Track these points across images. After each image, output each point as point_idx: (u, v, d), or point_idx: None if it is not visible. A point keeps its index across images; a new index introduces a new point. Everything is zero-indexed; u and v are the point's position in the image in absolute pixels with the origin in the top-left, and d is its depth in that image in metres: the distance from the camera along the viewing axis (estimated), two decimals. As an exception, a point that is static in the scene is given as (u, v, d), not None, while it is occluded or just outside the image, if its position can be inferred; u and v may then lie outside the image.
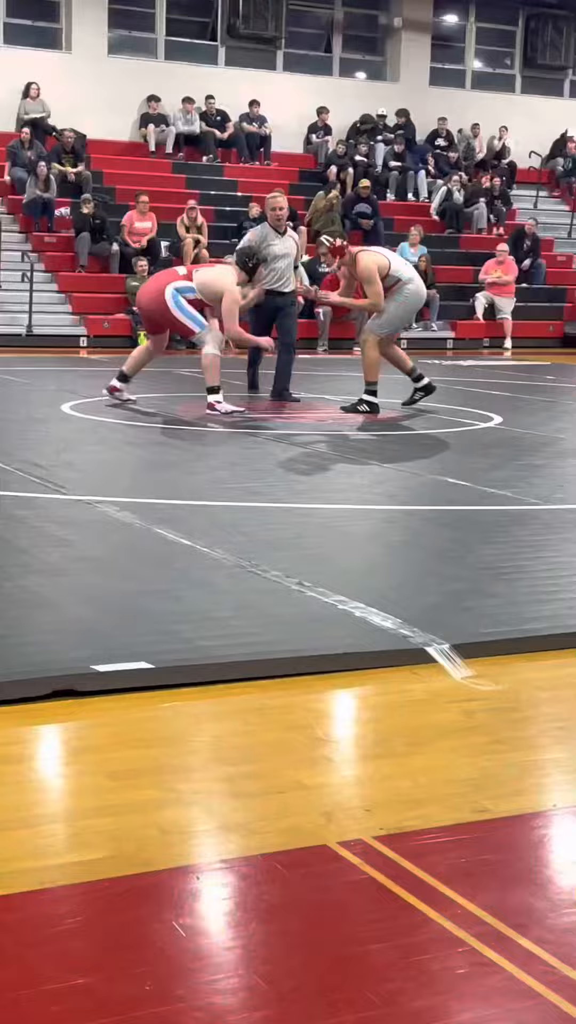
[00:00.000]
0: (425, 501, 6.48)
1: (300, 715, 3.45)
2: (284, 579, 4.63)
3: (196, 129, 21.30)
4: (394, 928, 2.32)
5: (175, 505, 6.06)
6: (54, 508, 5.90)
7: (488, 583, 4.76)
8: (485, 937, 2.29)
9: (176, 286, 9.68)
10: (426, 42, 23.61)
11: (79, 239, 18.04)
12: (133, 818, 2.76)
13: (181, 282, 9.72)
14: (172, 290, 9.65)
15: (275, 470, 7.27)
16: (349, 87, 23.23)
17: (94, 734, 3.31)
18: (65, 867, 2.54)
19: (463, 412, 10.45)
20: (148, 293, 9.94)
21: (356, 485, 6.91)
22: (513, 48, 24.75)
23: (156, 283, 9.97)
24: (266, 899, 2.43)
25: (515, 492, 6.63)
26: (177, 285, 9.69)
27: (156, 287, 9.85)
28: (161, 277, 10.10)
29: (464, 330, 19.67)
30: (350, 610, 4.25)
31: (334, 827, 2.74)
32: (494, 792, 2.95)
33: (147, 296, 9.93)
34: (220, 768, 3.07)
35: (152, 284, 10.06)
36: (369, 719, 3.53)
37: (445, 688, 3.68)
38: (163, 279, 9.95)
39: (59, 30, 21.25)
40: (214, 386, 9.72)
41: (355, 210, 20.49)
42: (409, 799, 2.90)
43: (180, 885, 2.49)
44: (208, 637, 3.97)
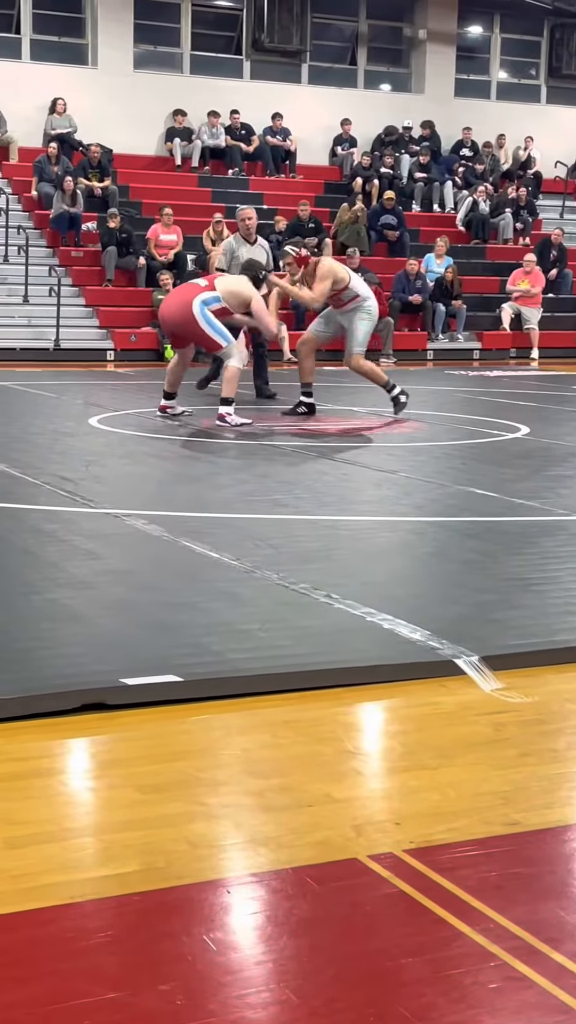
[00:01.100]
0: (452, 512, 6.46)
1: (329, 728, 3.45)
2: (312, 591, 4.63)
3: (221, 143, 21.37)
4: (425, 942, 2.32)
5: (203, 518, 6.07)
6: (82, 521, 5.92)
7: (517, 594, 4.74)
8: (517, 951, 2.27)
9: (202, 298, 9.65)
10: (451, 53, 23.62)
11: (106, 253, 18.12)
12: (163, 832, 2.76)
13: (206, 293, 9.70)
14: (199, 303, 9.62)
15: (302, 482, 7.27)
16: (374, 99, 23.26)
17: (123, 747, 3.31)
18: (95, 881, 2.54)
19: (490, 423, 10.43)
20: (174, 307, 9.85)
21: (383, 497, 6.90)
22: (538, 58, 24.73)
23: (181, 296, 9.89)
24: (296, 913, 2.43)
25: (543, 503, 6.60)
26: (203, 297, 9.66)
27: (182, 300, 9.77)
28: (185, 290, 10.03)
29: (490, 341, 19.64)
30: (378, 622, 4.25)
31: (364, 840, 2.73)
32: (524, 805, 2.94)
33: (173, 309, 9.85)
34: (249, 781, 3.07)
35: (177, 298, 9.96)
36: (398, 732, 3.52)
37: (474, 700, 3.67)
38: (188, 292, 9.88)
39: (85, 46, 21.37)
40: (230, 398, 9.76)
41: (380, 222, 20.51)
42: (439, 812, 2.89)
43: (210, 899, 2.49)
44: (237, 650, 3.97)
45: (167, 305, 10.07)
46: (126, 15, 21.17)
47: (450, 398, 13.23)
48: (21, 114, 20.24)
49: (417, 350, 18.90)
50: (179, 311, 9.74)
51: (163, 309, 10.15)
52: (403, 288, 18.92)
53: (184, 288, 10.19)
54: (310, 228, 19.64)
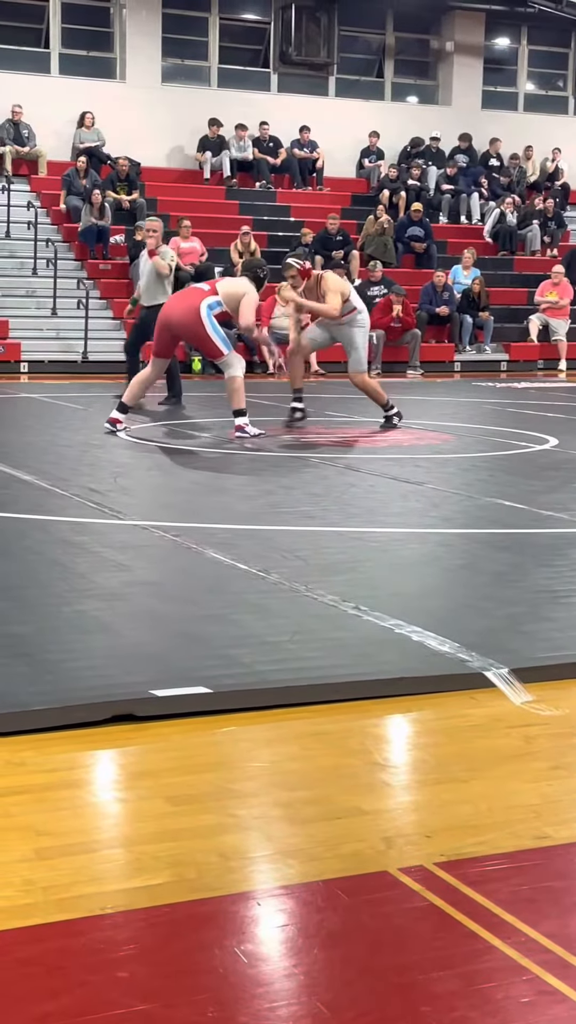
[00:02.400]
0: (481, 524, 6.45)
1: (358, 740, 3.44)
2: (341, 603, 4.63)
3: (249, 155, 21.44)
4: (457, 955, 2.31)
5: (231, 529, 6.07)
6: (111, 533, 5.93)
7: (546, 606, 4.73)
8: (549, 965, 2.26)
9: (207, 303, 9.68)
10: (478, 65, 23.63)
11: (133, 266, 18.17)
12: (193, 843, 2.76)
13: (210, 297, 9.72)
14: (206, 307, 9.65)
15: (329, 494, 7.27)
16: (401, 111, 23.29)
17: (153, 759, 3.31)
18: (126, 892, 2.54)
19: (518, 434, 10.41)
20: (182, 310, 9.80)
21: (411, 508, 6.89)
22: (566, 70, 24.71)
23: (190, 300, 9.85)
24: (327, 925, 2.42)
25: (572, 515, 6.58)
26: (208, 301, 9.69)
27: (191, 304, 9.75)
28: (191, 295, 10.00)
29: (518, 352, 19.61)
30: (407, 634, 4.24)
31: (394, 853, 2.73)
32: (555, 818, 2.93)
33: (181, 313, 9.80)
34: (279, 793, 3.07)
35: (185, 302, 9.90)
36: (428, 744, 3.51)
37: (504, 713, 3.66)
38: (195, 297, 9.86)
39: (113, 60, 21.48)
40: (242, 409, 9.76)
41: (408, 234, 20.52)
42: (469, 825, 2.88)
43: (241, 911, 2.49)
44: (265, 662, 3.97)
45: (173, 308, 9.96)
46: (154, 29, 21.28)
47: (477, 410, 13.20)
48: (50, 128, 20.37)
49: (444, 361, 18.89)
50: (187, 314, 9.71)
51: (169, 312, 10.00)
52: (430, 300, 18.92)
53: (190, 292, 10.15)
54: (338, 240, 19.68)
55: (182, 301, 9.98)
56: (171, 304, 10.13)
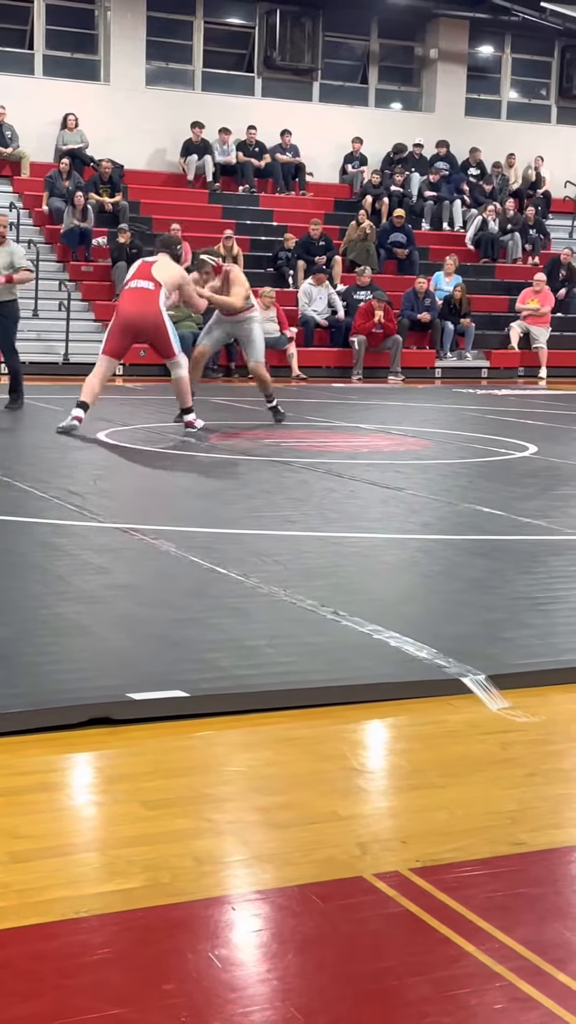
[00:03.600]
0: (460, 530, 6.46)
1: (335, 745, 3.44)
2: (319, 608, 4.63)
3: (232, 159, 21.43)
4: (431, 961, 2.31)
5: (210, 533, 6.07)
6: (91, 536, 5.92)
7: (524, 613, 4.74)
8: (523, 972, 2.26)
9: (161, 301, 9.97)
10: (462, 73, 23.69)
11: (116, 268, 18.15)
12: (168, 847, 2.75)
13: (160, 293, 9.97)
14: (162, 306, 9.99)
15: (309, 499, 7.27)
16: (385, 117, 23.33)
17: (129, 762, 3.31)
18: (100, 896, 2.53)
19: (498, 441, 10.43)
20: (146, 313, 9.97)
21: (390, 514, 6.90)
22: (549, 79, 24.79)
23: (149, 302, 9.97)
24: (301, 931, 2.42)
25: (550, 522, 6.60)
26: (161, 299, 9.97)
27: (152, 307, 9.94)
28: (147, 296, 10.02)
29: (499, 359, 19.65)
30: (385, 640, 4.24)
31: (369, 859, 2.73)
32: (531, 825, 2.93)
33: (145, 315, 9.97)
34: (255, 798, 3.06)
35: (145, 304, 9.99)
36: (404, 750, 3.51)
37: (481, 719, 3.66)
38: (151, 297, 9.98)
39: (97, 62, 21.46)
40: (190, 407, 10.33)
41: (390, 240, 20.55)
42: (445, 831, 2.88)
43: (215, 916, 2.48)
44: (243, 666, 3.96)
45: (137, 311, 10.03)
46: (138, 32, 21.27)
47: (458, 416, 13.23)
48: (33, 129, 20.33)
49: (425, 368, 18.92)
50: (151, 316, 9.96)
51: (132, 314, 10.05)
52: (412, 306, 18.95)
53: (144, 293, 10.07)
54: (320, 245, 19.69)
55: (143, 304, 10.04)
56: (133, 307, 10.11)
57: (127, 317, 10.09)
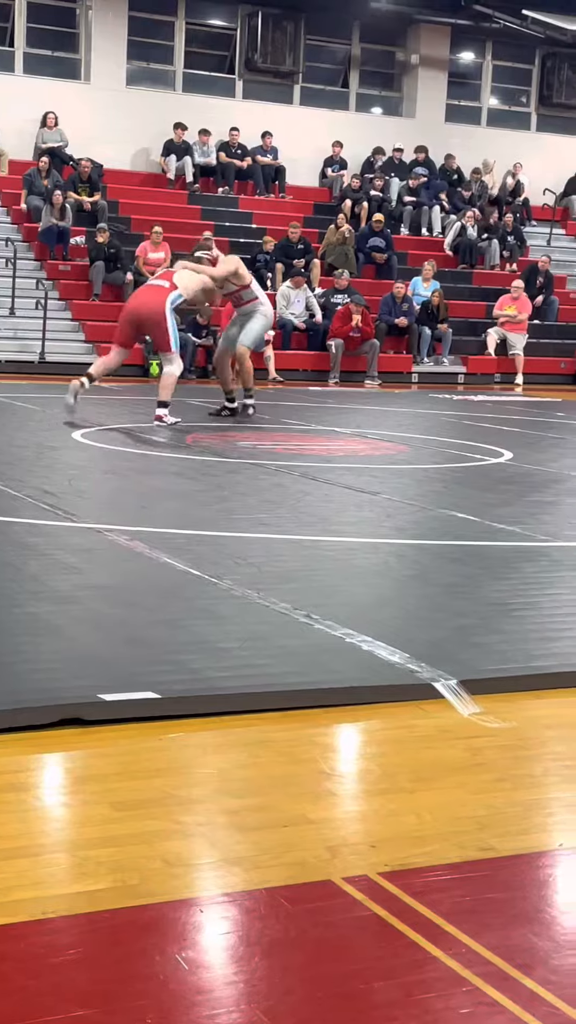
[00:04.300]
0: (434, 535, 6.47)
1: (306, 748, 3.44)
2: (292, 611, 4.63)
3: (212, 161, 21.43)
4: (398, 966, 2.31)
5: (185, 535, 6.06)
6: (64, 536, 5.91)
7: (496, 619, 4.75)
8: (489, 977, 2.27)
9: (171, 298, 10.67)
10: (442, 79, 23.75)
11: (93, 268, 18.14)
12: (137, 849, 2.75)
13: (172, 293, 10.71)
14: (169, 303, 10.63)
15: (284, 501, 7.27)
16: (365, 122, 23.37)
17: (99, 763, 3.30)
18: (67, 897, 2.53)
19: (473, 447, 10.46)
20: (150, 304, 10.67)
21: (365, 518, 6.91)
22: (529, 86, 24.89)
23: (155, 296, 10.72)
24: (269, 934, 2.42)
25: (524, 528, 6.62)
26: (171, 297, 10.67)
27: (157, 300, 10.65)
28: (156, 291, 10.82)
29: (475, 365, 19.71)
30: (358, 643, 4.25)
31: (338, 862, 2.73)
32: (500, 830, 2.94)
33: (148, 308, 10.69)
34: (225, 800, 3.06)
35: (154, 296, 10.75)
36: (375, 754, 3.52)
37: (452, 724, 3.67)
38: (159, 293, 10.72)
39: (78, 61, 21.42)
40: (167, 401, 10.78)
41: (369, 244, 20.59)
42: (414, 836, 2.89)
43: (183, 918, 2.48)
44: (215, 668, 3.96)
45: (141, 302, 10.85)
46: (119, 31, 21.24)
47: (434, 421, 13.26)
48: (12, 127, 20.28)
49: (402, 372, 18.96)
50: (154, 309, 10.63)
51: (136, 306, 10.88)
52: (389, 311, 18.99)
53: (154, 289, 10.91)
54: (299, 249, 19.71)
55: (149, 296, 10.83)
56: (138, 299, 11.00)
57: (131, 307, 10.95)
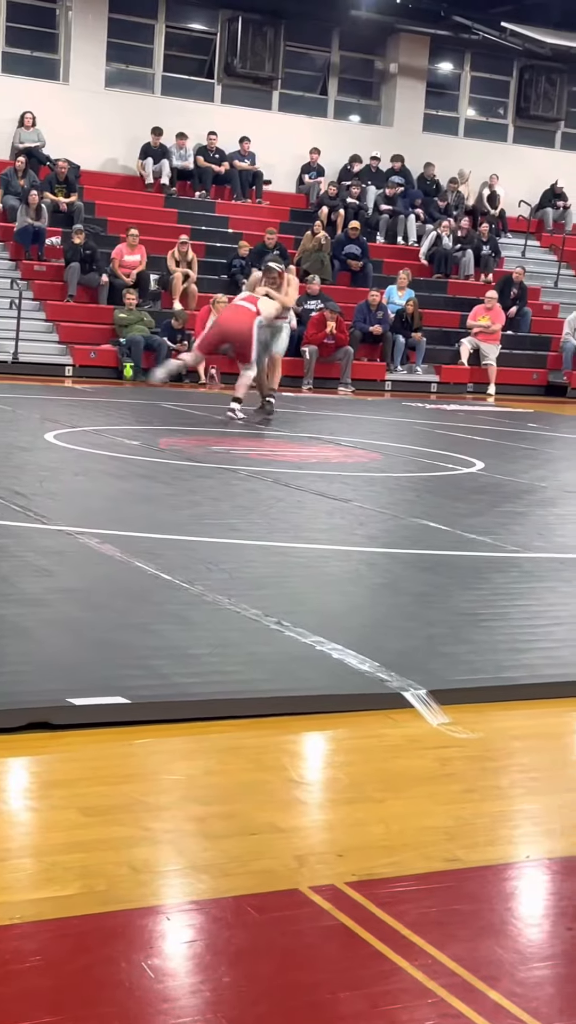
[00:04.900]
0: (405, 544, 6.49)
1: (275, 756, 3.44)
2: (263, 618, 4.63)
3: (190, 164, 21.42)
4: (364, 976, 2.31)
5: (156, 539, 6.05)
6: (35, 538, 5.89)
7: (466, 629, 4.77)
8: (455, 988, 2.28)
9: (258, 321, 12.39)
10: (421, 88, 23.82)
11: (69, 269, 18.10)
12: (104, 855, 2.74)
13: (258, 318, 12.42)
14: (256, 325, 12.34)
15: (256, 507, 7.27)
16: (343, 130, 23.41)
17: (67, 768, 3.29)
18: (34, 903, 2.52)
19: (445, 456, 10.49)
20: (239, 323, 12.39)
21: (336, 525, 6.92)
22: (506, 98, 24.99)
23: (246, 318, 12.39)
24: (236, 942, 2.42)
25: (495, 539, 6.64)
26: (258, 321, 12.39)
27: (247, 321, 12.35)
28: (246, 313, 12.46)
29: (448, 374, 19.77)
30: (328, 651, 4.25)
31: (306, 871, 2.73)
32: (467, 841, 2.95)
33: (237, 325, 12.41)
34: (193, 807, 3.06)
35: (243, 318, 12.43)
36: (344, 763, 3.52)
37: (421, 734, 3.68)
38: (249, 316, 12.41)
39: (57, 61, 21.38)
40: (241, 398, 12.26)
41: (344, 251, 20.62)
42: (382, 845, 2.89)
43: (150, 925, 2.47)
44: (185, 674, 3.96)
45: (232, 320, 12.54)
46: (99, 33, 21.21)
47: (407, 430, 13.29)
48: (-10, 126, 20.21)
49: (375, 380, 19.01)
50: (243, 327, 12.33)
51: (227, 321, 12.63)
52: (364, 318, 19.03)
53: (242, 311, 12.54)
54: (275, 254, 19.71)
55: (240, 316, 12.51)
56: (229, 317, 12.68)
57: (223, 323, 12.71)
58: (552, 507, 8.22)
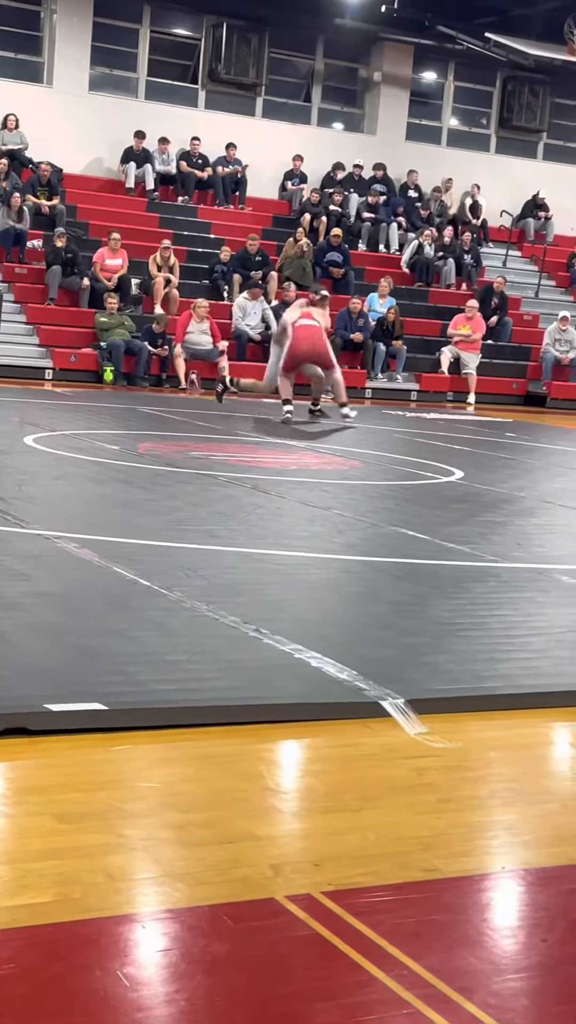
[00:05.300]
0: (384, 553, 6.49)
1: (252, 764, 3.44)
2: (241, 625, 4.62)
3: (172, 169, 21.41)
4: (339, 987, 2.31)
5: (135, 544, 6.04)
6: (13, 542, 5.87)
7: (445, 639, 4.77)
8: (430, 999, 2.27)
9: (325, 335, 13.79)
10: (404, 97, 23.88)
11: (50, 272, 18.06)
12: (80, 862, 2.73)
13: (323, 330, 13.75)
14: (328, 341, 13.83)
15: (236, 514, 7.26)
16: (326, 137, 23.44)
17: (43, 774, 3.27)
18: (8, 910, 2.50)
19: (425, 465, 10.50)
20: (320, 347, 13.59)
21: (316, 533, 6.92)
22: (489, 108, 25.08)
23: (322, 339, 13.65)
24: (211, 951, 2.41)
25: (474, 548, 6.65)
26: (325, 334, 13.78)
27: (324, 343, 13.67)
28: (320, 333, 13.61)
29: (428, 383, 19.80)
30: (306, 659, 4.25)
31: (282, 880, 2.72)
32: (443, 851, 2.95)
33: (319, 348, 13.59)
34: (170, 815, 3.05)
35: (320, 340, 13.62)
36: (321, 771, 3.51)
37: (398, 743, 3.68)
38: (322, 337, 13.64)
39: (41, 64, 21.34)
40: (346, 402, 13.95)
41: (326, 258, 20.63)
42: (358, 855, 2.89)
43: (125, 933, 2.46)
44: (163, 680, 3.95)
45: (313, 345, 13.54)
46: (84, 36, 21.19)
47: (386, 438, 13.30)
48: (-27, 128, 20.14)
49: (356, 388, 18.99)
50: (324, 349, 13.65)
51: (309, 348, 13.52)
52: (345, 326, 19.04)
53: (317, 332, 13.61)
54: (257, 260, 19.73)
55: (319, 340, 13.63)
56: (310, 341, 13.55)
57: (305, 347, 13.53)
58: (531, 517, 8.24)
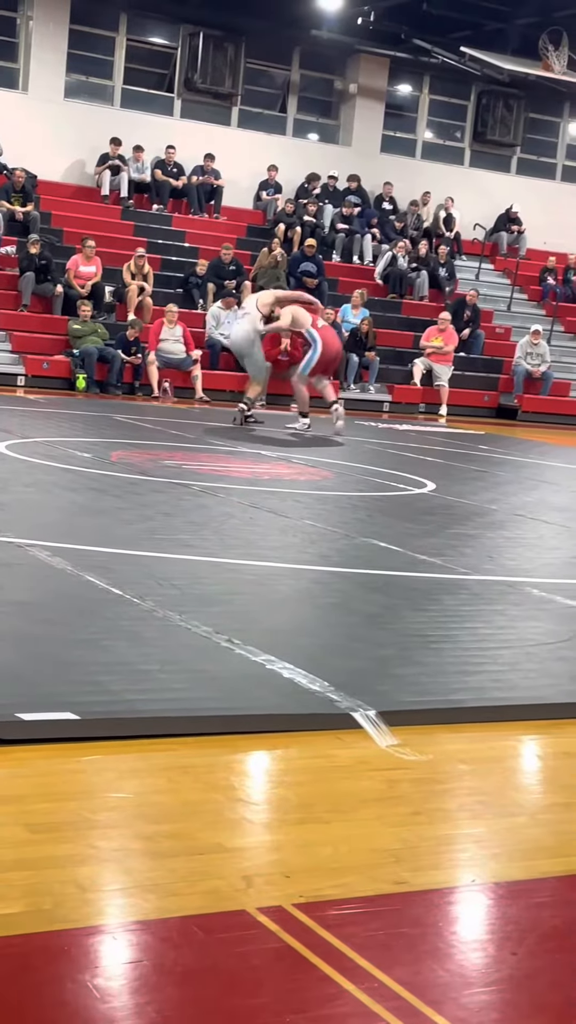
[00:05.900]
0: (356, 564, 6.50)
1: (224, 775, 3.44)
2: (214, 635, 4.62)
3: (146, 177, 21.41)
4: (310, 999, 2.31)
5: (107, 553, 6.03)
6: (-16, 549, 5.84)
7: (416, 651, 4.79)
8: (400, 1012, 2.28)
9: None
10: (379, 109, 23.96)
11: (23, 278, 18.01)
12: (51, 873, 2.73)
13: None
14: None
15: (208, 523, 7.26)
16: (301, 148, 23.49)
17: (14, 784, 3.27)
18: (-21, 920, 2.50)
19: (397, 476, 10.53)
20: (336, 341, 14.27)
21: (288, 543, 6.93)
22: (464, 122, 25.19)
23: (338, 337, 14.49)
24: (182, 963, 2.41)
25: (445, 560, 6.68)
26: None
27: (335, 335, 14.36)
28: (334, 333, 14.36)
29: (401, 394, 19.85)
30: (278, 670, 4.25)
31: (253, 892, 2.73)
32: (414, 864, 2.96)
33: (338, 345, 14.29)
34: (141, 826, 3.05)
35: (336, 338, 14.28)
36: (292, 783, 3.52)
37: (369, 755, 3.69)
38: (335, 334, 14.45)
39: (16, 70, 21.30)
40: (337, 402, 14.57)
41: (300, 269, 20.66)
42: (329, 867, 2.90)
43: (96, 944, 2.46)
44: (135, 690, 3.94)
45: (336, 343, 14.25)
46: (60, 43, 21.17)
47: (359, 449, 13.33)
48: (-53, 133, 20.10)
49: (328, 398, 19.01)
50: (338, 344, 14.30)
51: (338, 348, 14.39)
52: (318, 336, 19.06)
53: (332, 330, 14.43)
54: (231, 270, 19.74)
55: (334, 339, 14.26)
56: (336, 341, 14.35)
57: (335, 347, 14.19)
58: (501, 530, 8.27)
